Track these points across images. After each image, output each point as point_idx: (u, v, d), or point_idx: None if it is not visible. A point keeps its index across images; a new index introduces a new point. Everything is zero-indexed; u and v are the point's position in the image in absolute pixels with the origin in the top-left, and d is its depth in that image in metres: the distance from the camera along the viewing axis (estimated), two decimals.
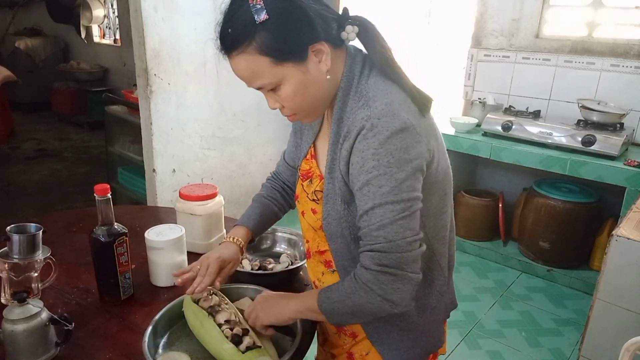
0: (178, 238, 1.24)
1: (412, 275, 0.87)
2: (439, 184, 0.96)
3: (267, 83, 0.89)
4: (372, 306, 0.88)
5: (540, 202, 2.96)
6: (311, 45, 0.88)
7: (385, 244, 0.85)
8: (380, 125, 0.85)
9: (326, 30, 0.89)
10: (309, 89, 0.91)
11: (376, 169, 0.85)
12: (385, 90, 0.90)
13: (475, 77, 3.42)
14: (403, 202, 0.85)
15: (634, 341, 1.15)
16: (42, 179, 4.45)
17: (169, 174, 2.89)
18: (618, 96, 2.88)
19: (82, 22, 6.03)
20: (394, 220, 0.85)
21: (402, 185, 0.85)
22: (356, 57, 0.95)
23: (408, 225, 0.86)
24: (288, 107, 0.94)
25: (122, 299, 1.17)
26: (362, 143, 0.86)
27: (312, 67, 0.89)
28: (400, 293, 0.87)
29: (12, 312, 0.95)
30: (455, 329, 2.47)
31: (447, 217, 1.01)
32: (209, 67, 2.92)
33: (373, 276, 0.86)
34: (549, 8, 3.13)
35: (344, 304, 0.90)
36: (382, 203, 0.85)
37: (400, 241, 0.85)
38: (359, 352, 1.09)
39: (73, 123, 6.16)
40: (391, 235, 0.85)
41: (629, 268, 1.59)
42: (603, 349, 1.70)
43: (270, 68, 0.87)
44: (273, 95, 0.93)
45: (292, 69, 0.87)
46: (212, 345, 0.98)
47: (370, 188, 0.86)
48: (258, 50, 0.85)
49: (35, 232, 1.12)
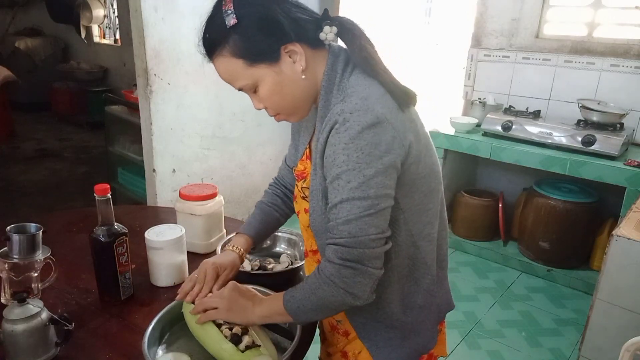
0: (178, 238, 1.24)
1: (372, 270, 0.88)
2: (422, 180, 0.96)
3: (244, 84, 0.94)
4: (335, 299, 0.90)
5: (540, 202, 2.96)
6: (283, 47, 0.90)
7: (349, 239, 0.87)
8: (352, 120, 0.86)
9: (299, 32, 0.91)
10: (285, 89, 0.94)
11: (345, 163, 0.86)
12: (364, 86, 0.91)
13: (475, 77, 3.42)
14: (370, 199, 0.86)
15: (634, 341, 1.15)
16: (42, 179, 4.45)
17: (169, 174, 2.89)
18: (618, 96, 2.88)
19: (82, 22, 6.03)
20: (359, 217, 0.86)
21: (371, 181, 0.86)
22: (339, 55, 0.97)
23: (373, 222, 0.87)
24: (269, 106, 0.97)
25: (122, 299, 1.17)
26: (335, 137, 0.87)
27: (286, 68, 0.92)
28: (361, 286, 0.88)
29: (12, 312, 0.95)
30: (455, 329, 2.47)
31: (432, 214, 1.01)
32: (209, 67, 2.88)
33: (336, 269, 0.88)
34: (549, 8, 3.13)
35: (309, 300, 0.92)
36: (350, 198, 0.86)
37: (363, 237, 0.87)
38: (352, 350, 1.10)
39: (73, 123, 6.15)
40: (355, 231, 0.86)
41: (629, 268, 1.59)
42: (603, 349, 1.70)
43: (245, 70, 0.91)
44: (256, 97, 0.97)
45: (265, 69, 0.91)
46: (212, 345, 0.98)
47: (340, 182, 0.87)
48: (231, 53, 0.90)
49: (35, 232, 1.12)
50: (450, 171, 3.24)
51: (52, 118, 6.36)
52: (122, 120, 3.40)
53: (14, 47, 6.23)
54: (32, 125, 6.05)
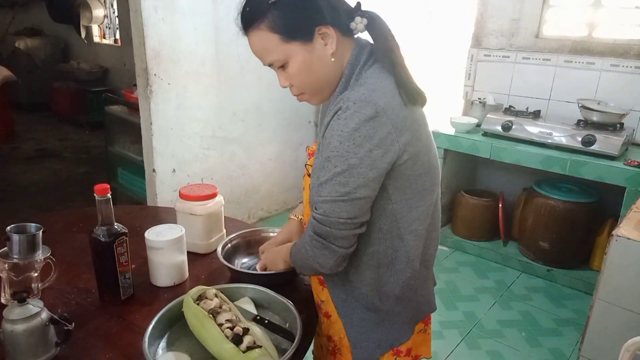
0: (178, 238, 1.24)
1: (336, 248, 0.97)
2: (417, 178, 0.99)
3: (276, 59, 0.98)
4: (307, 261, 1.02)
5: (540, 202, 2.96)
6: (318, 28, 0.95)
7: (322, 217, 0.96)
8: (352, 109, 0.91)
9: (334, 16, 0.96)
10: (313, 68, 0.98)
11: (337, 149, 0.92)
12: (377, 79, 0.96)
13: (475, 77, 3.42)
14: (348, 187, 0.93)
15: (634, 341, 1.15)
16: (42, 179, 4.45)
17: (169, 174, 2.89)
18: (618, 96, 2.88)
19: (82, 22, 6.03)
20: (334, 200, 0.94)
21: (353, 171, 0.92)
22: (364, 48, 1.01)
23: (345, 208, 0.94)
24: (295, 84, 1.01)
25: (122, 299, 1.17)
26: (335, 122, 0.93)
27: (317, 48, 0.97)
28: (325, 259, 0.98)
29: (12, 312, 0.95)
30: (455, 329, 2.47)
31: (422, 211, 1.03)
32: (209, 67, 2.93)
33: (309, 239, 0.99)
34: (549, 8, 3.13)
35: (298, 255, 1.06)
36: (331, 181, 0.94)
37: (333, 218, 0.95)
38: (337, 334, 1.14)
39: (73, 123, 6.15)
40: (328, 211, 0.95)
41: (629, 268, 1.59)
42: (603, 349, 1.69)
43: (279, 45, 0.95)
44: (283, 73, 1.00)
45: (298, 47, 0.96)
46: (213, 345, 0.98)
47: (328, 164, 0.94)
48: (269, 27, 0.94)
49: (35, 232, 1.12)
50: (450, 171, 3.24)
51: (52, 118, 6.36)
52: (122, 120, 3.40)
53: (14, 47, 6.23)
54: (32, 125, 6.05)
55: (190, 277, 1.30)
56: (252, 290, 1.16)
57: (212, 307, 1.04)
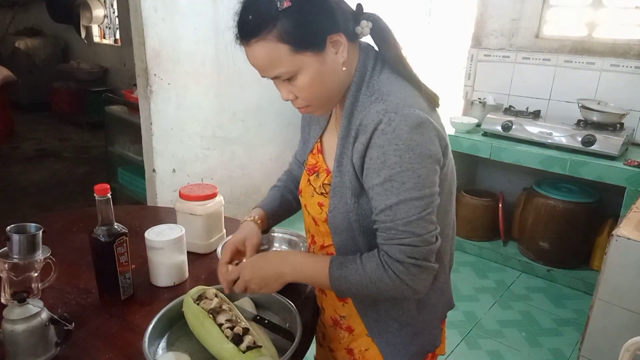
0: (178, 238, 1.24)
1: (434, 266, 0.91)
2: (447, 181, 0.97)
3: (284, 72, 0.88)
4: (395, 292, 0.91)
5: (540, 202, 2.96)
6: (330, 36, 0.88)
7: (414, 239, 0.87)
8: (398, 120, 0.85)
9: (344, 22, 0.90)
10: (325, 80, 0.91)
11: (399, 165, 0.85)
12: (398, 86, 0.91)
13: (475, 77, 3.42)
14: (426, 198, 0.87)
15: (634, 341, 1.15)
16: (42, 179, 4.45)
17: (169, 174, 2.89)
18: (618, 96, 2.88)
19: (82, 22, 6.03)
20: (419, 217, 0.87)
21: (425, 181, 0.87)
22: (369, 52, 0.96)
23: (431, 220, 0.88)
24: (303, 97, 0.93)
25: (122, 299, 1.17)
26: (382, 138, 0.86)
27: (329, 58, 0.89)
28: (425, 282, 0.91)
29: (12, 312, 0.95)
30: (455, 329, 2.47)
31: (451, 215, 1.03)
32: (209, 67, 2.92)
33: (405, 268, 0.88)
34: (549, 8, 3.13)
35: (364, 286, 0.91)
36: (407, 199, 0.86)
37: (426, 235, 0.88)
38: (359, 347, 1.10)
39: (73, 123, 6.15)
40: (418, 230, 0.87)
41: (629, 268, 1.59)
42: (603, 349, 1.69)
43: (289, 56, 0.86)
44: (287, 86, 0.92)
45: (310, 58, 0.87)
46: (213, 345, 0.98)
47: (394, 184, 0.86)
48: (278, 37, 0.84)
49: (35, 232, 1.12)
50: None
51: (52, 118, 6.36)
52: (122, 120, 3.40)
53: (14, 47, 6.23)
54: (32, 125, 6.05)
55: (190, 277, 1.30)
56: None
57: (212, 307, 1.04)
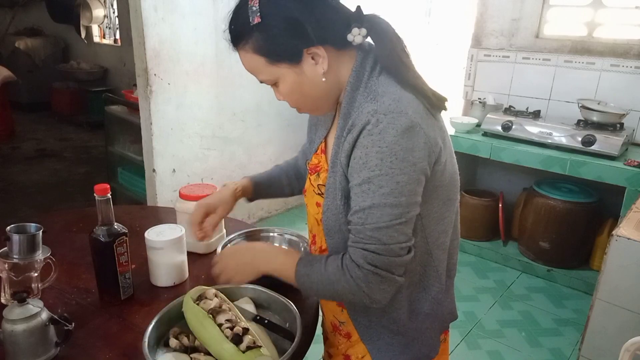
0: (178, 238, 1.24)
1: (398, 279, 0.88)
2: (444, 188, 0.94)
3: (265, 79, 0.94)
4: (353, 297, 0.90)
5: (540, 202, 2.96)
6: (306, 49, 0.89)
7: (379, 246, 0.85)
8: (386, 122, 0.83)
9: (325, 35, 0.89)
10: (304, 89, 0.94)
11: (378, 167, 0.83)
12: (395, 87, 0.89)
13: (475, 77, 3.42)
14: (401, 207, 0.84)
15: (634, 341, 1.15)
16: (42, 179, 4.45)
17: (169, 174, 2.89)
18: (618, 96, 2.88)
19: (82, 22, 6.03)
20: (390, 225, 0.85)
21: (403, 189, 0.84)
22: (369, 53, 0.95)
23: (403, 230, 0.86)
24: (288, 102, 0.98)
25: (122, 299, 1.17)
26: (367, 139, 0.85)
27: (307, 69, 0.91)
28: (384, 293, 0.89)
29: (12, 312, 0.95)
30: (455, 329, 2.47)
31: (448, 223, 0.99)
32: (209, 67, 2.92)
33: (363, 274, 0.86)
34: (549, 8, 3.13)
35: (324, 287, 0.92)
36: (381, 204, 0.84)
37: (394, 245, 0.85)
38: (355, 354, 1.09)
39: (73, 123, 6.15)
40: (385, 239, 0.85)
41: (629, 268, 1.59)
42: (603, 349, 1.70)
43: (266, 67, 0.91)
44: (277, 90, 0.97)
45: (286, 69, 0.91)
46: (212, 345, 0.98)
47: (371, 186, 0.85)
48: (253, 49, 0.90)
49: (35, 232, 1.12)
50: None
51: (52, 118, 6.35)
52: (122, 120, 3.40)
53: (14, 47, 6.23)
54: (32, 125, 6.05)
55: (190, 277, 1.30)
56: (252, 290, 1.16)
57: (212, 307, 1.03)
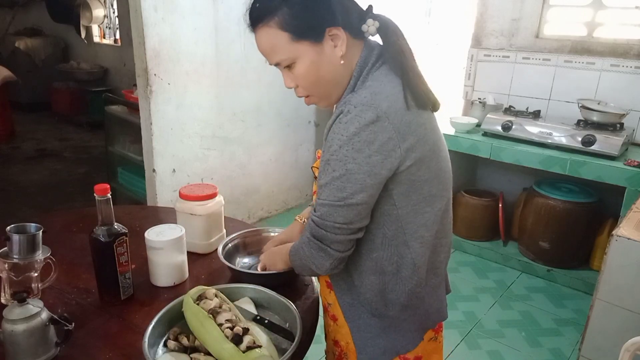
0: (178, 238, 1.24)
1: (333, 252, 0.97)
2: (423, 183, 0.97)
3: (284, 58, 0.96)
4: (305, 262, 1.02)
5: (540, 202, 2.96)
6: (329, 29, 0.94)
7: (319, 220, 0.96)
8: (353, 113, 0.90)
9: (346, 18, 0.95)
10: (321, 70, 0.96)
11: (336, 153, 0.91)
12: (382, 82, 0.94)
13: (475, 77, 3.42)
14: (345, 192, 0.92)
15: (634, 341, 1.15)
16: (42, 179, 4.45)
17: (169, 174, 2.89)
18: (618, 96, 2.88)
19: (82, 22, 6.03)
20: (331, 204, 0.94)
21: (351, 176, 0.91)
22: (374, 50, 0.99)
23: (342, 213, 0.93)
24: (302, 85, 0.99)
25: (122, 299, 1.17)
26: (337, 126, 0.92)
27: (327, 50, 0.95)
28: (321, 260, 0.98)
29: (12, 312, 0.95)
30: (455, 329, 2.47)
31: (429, 217, 1.01)
32: (209, 67, 2.92)
33: (307, 240, 1.00)
34: (549, 8, 3.13)
35: (296, 256, 1.05)
36: (329, 184, 0.93)
37: (329, 222, 0.95)
38: (343, 339, 1.12)
39: (73, 123, 6.15)
40: (325, 215, 0.95)
41: (629, 268, 1.59)
42: (603, 349, 1.69)
43: (288, 44, 0.94)
44: (289, 74, 0.98)
45: (307, 47, 0.94)
46: (213, 345, 0.98)
47: (327, 168, 0.93)
48: (279, 25, 0.92)
49: (35, 232, 1.12)
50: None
51: (52, 118, 6.35)
52: (122, 120, 3.40)
53: (14, 47, 6.23)
54: (32, 125, 6.05)
55: (190, 277, 1.30)
56: (252, 290, 1.16)
57: (212, 307, 1.04)
